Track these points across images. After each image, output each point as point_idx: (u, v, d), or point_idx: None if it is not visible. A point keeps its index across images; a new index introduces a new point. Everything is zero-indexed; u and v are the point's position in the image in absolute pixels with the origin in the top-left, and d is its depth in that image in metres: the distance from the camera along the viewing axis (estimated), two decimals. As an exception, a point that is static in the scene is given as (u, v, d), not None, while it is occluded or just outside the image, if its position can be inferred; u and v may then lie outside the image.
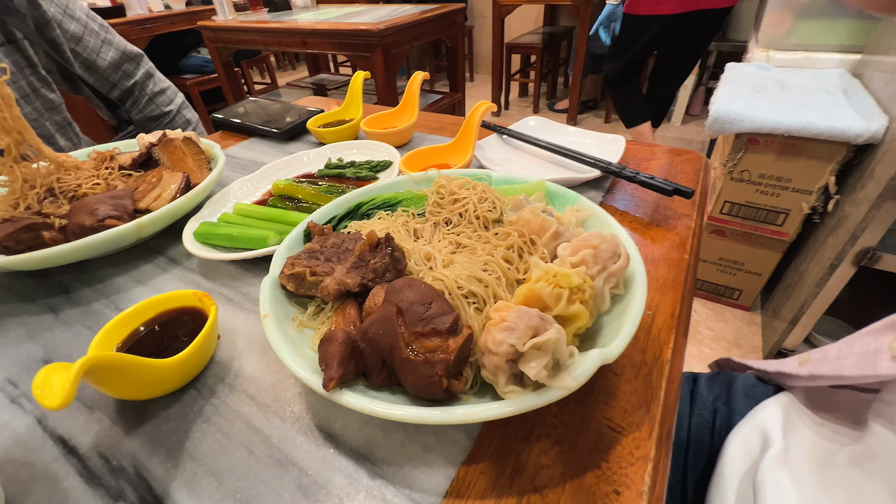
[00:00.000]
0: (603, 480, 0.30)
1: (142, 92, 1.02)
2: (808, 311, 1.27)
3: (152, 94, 1.03)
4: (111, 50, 0.96)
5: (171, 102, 1.06)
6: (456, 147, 0.71)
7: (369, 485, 0.31)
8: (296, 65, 5.19)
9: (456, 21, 2.18)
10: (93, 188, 0.57)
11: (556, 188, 0.49)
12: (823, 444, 0.41)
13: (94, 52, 0.93)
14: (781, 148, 1.22)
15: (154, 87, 1.03)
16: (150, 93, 1.03)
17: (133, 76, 1.00)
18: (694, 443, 0.53)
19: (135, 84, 1.01)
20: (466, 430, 0.33)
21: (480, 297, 0.35)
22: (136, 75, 1.00)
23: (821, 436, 0.42)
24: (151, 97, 1.03)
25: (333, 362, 0.29)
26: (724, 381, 0.56)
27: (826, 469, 0.39)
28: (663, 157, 0.69)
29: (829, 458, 0.40)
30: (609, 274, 0.35)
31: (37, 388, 0.27)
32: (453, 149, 0.71)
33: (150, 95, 1.03)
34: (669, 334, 0.40)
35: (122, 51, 0.98)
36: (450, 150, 0.71)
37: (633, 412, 0.34)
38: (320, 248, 0.41)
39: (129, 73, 0.99)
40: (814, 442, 0.41)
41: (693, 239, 0.51)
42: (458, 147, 0.71)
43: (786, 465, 0.40)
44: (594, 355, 0.30)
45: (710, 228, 1.46)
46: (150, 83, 1.03)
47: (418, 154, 0.69)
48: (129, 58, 0.99)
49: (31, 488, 0.33)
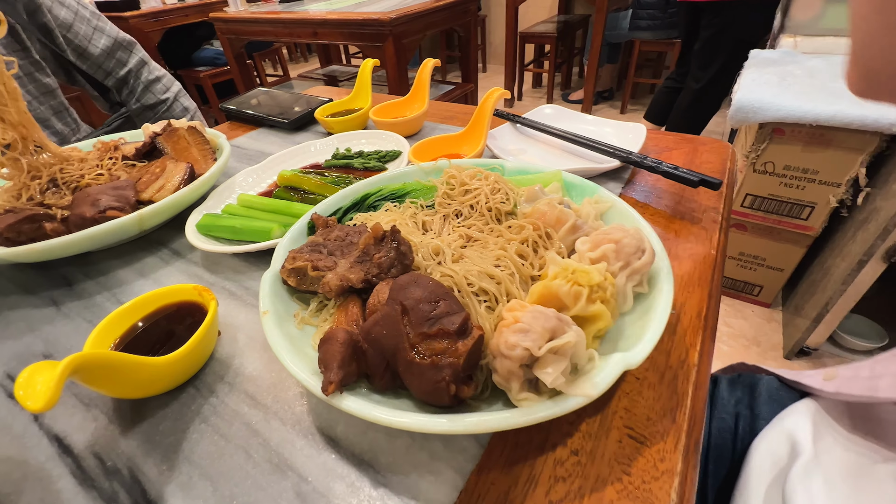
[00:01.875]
0: (624, 496, 0.27)
1: (136, 80, 1.01)
2: (833, 308, 1.22)
3: (147, 83, 1.02)
4: (103, 37, 0.95)
5: (168, 90, 1.05)
6: (467, 136, 0.68)
7: (371, 494, 0.29)
8: (308, 56, 5.18)
9: (469, 10, 2.14)
10: (96, 178, 0.56)
11: (573, 178, 0.46)
12: (858, 454, 0.38)
13: (86, 39, 0.92)
14: (808, 138, 1.16)
15: (149, 74, 1.02)
16: (144, 80, 1.02)
17: (127, 64, 0.99)
18: (714, 448, 0.50)
19: (129, 72, 1.00)
20: (476, 438, 0.31)
21: (492, 294, 0.33)
22: (130, 63, 0.99)
23: (856, 444, 0.39)
24: (147, 85, 1.02)
25: (333, 364, 0.27)
26: (746, 383, 0.54)
27: (861, 481, 0.36)
28: (686, 147, 0.65)
29: (865, 470, 0.37)
30: (632, 271, 0.33)
31: (19, 388, 0.25)
32: (465, 138, 0.69)
33: (146, 83, 1.02)
34: (696, 336, 0.37)
35: (114, 38, 0.97)
36: (461, 140, 0.69)
37: (658, 421, 0.31)
38: (323, 242, 0.39)
39: (122, 61, 0.99)
40: (846, 451, 0.39)
41: (720, 233, 0.48)
42: (470, 136, 0.68)
43: (817, 474, 0.38)
44: (616, 360, 0.27)
45: (731, 222, 1.41)
46: (144, 71, 1.02)
47: (428, 143, 0.67)
48: (122, 45, 0.98)
49: (23, 488, 0.31)
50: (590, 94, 2.90)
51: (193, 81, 2.81)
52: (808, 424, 0.43)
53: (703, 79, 1.85)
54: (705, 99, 1.91)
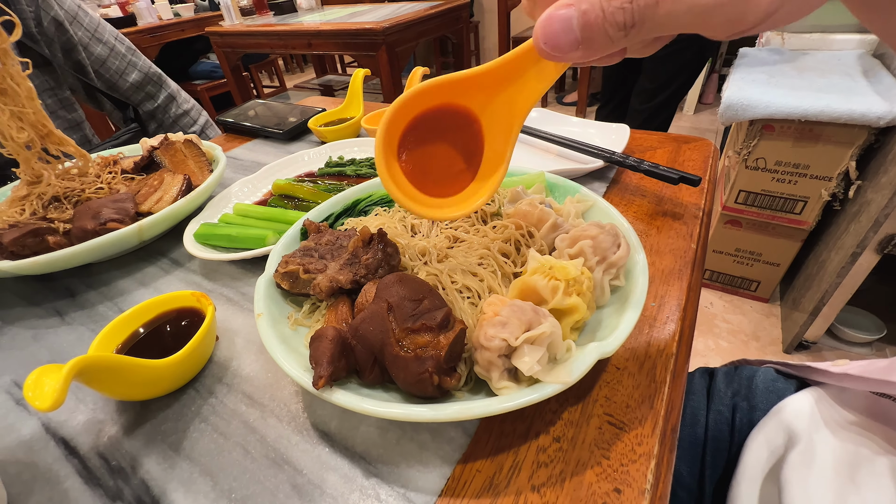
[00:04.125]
0: (603, 478, 0.29)
1: (165, 115, 1.06)
2: (829, 301, 1.23)
3: (175, 117, 1.07)
4: (134, 72, 0.98)
5: (195, 123, 1.09)
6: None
7: (363, 484, 0.30)
8: (304, 67, 5.23)
9: (461, 17, 2.17)
10: (96, 192, 0.57)
11: (555, 179, 0.48)
12: (857, 445, 0.38)
13: (118, 74, 0.96)
14: (798, 134, 1.17)
15: (177, 109, 1.06)
16: (173, 115, 1.06)
17: (156, 99, 1.03)
18: (712, 440, 0.50)
19: (157, 108, 1.04)
20: (463, 428, 0.32)
21: (475, 291, 0.35)
22: (159, 99, 1.03)
23: (856, 436, 0.39)
24: (175, 119, 1.07)
25: (323, 360, 0.29)
26: (742, 375, 0.54)
27: (860, 472, 0.36)
28: (670, 146, 0.67)
29: (864, 462, 0.37)
30: (608, 265, 0.34)
31: (28, 389, 0.27)
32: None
33: (174, 118, 1.06)
34: (675, 326, 0.38)
35: (146, 73, 1.00)
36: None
37: (636, 407, 0.32)
38: (315, 246, 0.41)
39: (151, 95, 1.03)
40: (845, 442, 0.39)
41: (700, 228, 0.49)
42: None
43: (814, 463, 0.38)
44: (592, 349, 0.28)
45: (726, 219, 1.42)
46: (172, 106, 1.06)
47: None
48: (152, 80, 1.02)
49: (32, 489, 0.33)
50: (584, 96, 2.92)
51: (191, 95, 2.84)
52: (807, 414, 0.43)
53: (657, 96, 1.62)
54: (664, 112, 1.67)
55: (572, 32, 0.19)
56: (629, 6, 0.18)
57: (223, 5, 2.25)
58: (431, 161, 0.30)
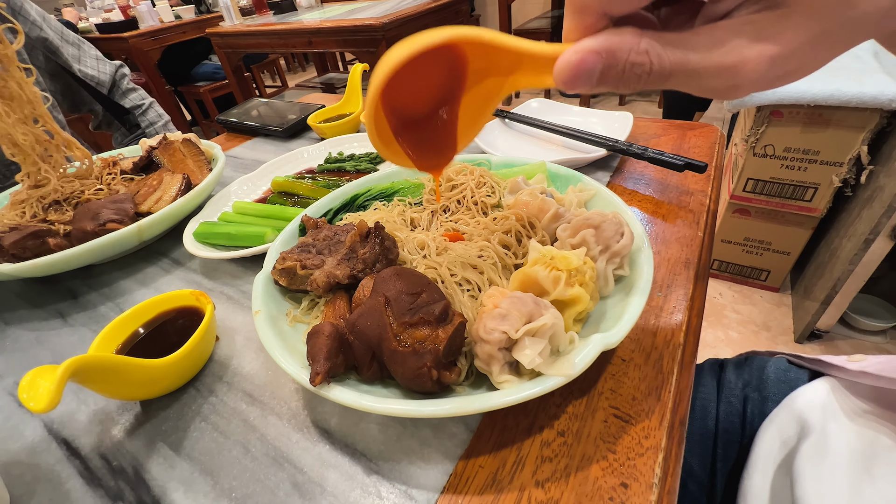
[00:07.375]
0: (609, 473, 0.28)
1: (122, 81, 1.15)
2: (842, 289, 1.20)
3: (126, 90, 1.16)
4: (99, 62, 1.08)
5: (144, 98, 1.19)
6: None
7: (364, 482, 0.30)
8: (305, 66, 5.22)
9: (460, 10, 2.15)
10: (95, 193, 0.57)
11: (557, 169, 0.47)
12: (873, 437, 0.37)
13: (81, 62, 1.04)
14: (807, 119, 1.15)
15: (127, 84, 1.16)
16: (124, 88, 1.16)
17: (110, 73, 1.12)
18: (723, 432, 0.49)
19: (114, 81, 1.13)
20: (465, 424, 0.32)
21: (475, 283, 0.34)
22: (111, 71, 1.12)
23: (872, 429, 0.38)
24: (125, 92, 1.16)
25: (320, 356, 0.28)
26: (753, 366, 0.53)
27: (875, 464, 0.35)
28: (675, 133, 0.65)
29: (879, 454, 0.36)
30: (612, 254, 0.33)
31: (23, 391, 0.26)
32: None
33: (125, 90, 1.16)
34: (682, 316, 0.37)
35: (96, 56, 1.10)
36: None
37: (643, 400, 0.31)
38: (313, 242, 0.40)
39: (104, 71, 1.11)
40: (860, 434, 0.38)
41: (707, 216, 0.48)
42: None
43: (828, 453, 0.37)
44: (595, 341, 0.28)
45: (734, 208, 1.40)
46: (123, 82, 1.15)
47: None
48: (104, 60, 1.11)
49: (35, 490, 0.33)
50: (587, 88, 2.89)
51: (194, 97, 2.85)
52: (819, 405, 0.42)
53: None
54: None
55: (591, 81, 0.20)
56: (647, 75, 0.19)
57: (223, 6, 2.25)
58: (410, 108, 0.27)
